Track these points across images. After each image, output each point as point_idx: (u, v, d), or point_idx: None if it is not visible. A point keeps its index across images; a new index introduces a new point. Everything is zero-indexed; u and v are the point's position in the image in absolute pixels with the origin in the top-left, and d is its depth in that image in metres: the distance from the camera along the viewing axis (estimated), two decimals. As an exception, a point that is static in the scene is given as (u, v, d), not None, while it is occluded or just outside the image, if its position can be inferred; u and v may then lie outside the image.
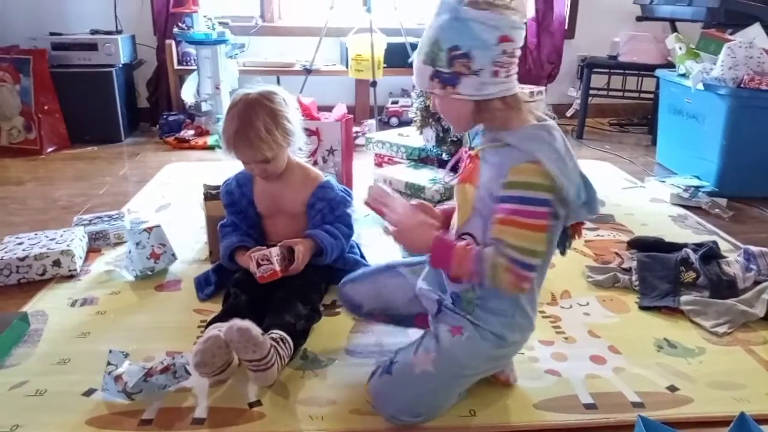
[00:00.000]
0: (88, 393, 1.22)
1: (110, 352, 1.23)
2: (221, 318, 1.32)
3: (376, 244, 1.92)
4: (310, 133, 2.16)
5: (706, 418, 1.18)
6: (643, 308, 1.59)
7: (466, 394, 1.20)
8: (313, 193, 1.58)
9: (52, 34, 3.31)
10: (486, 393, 1.23)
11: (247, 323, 1.17)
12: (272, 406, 1.19)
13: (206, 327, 1.34)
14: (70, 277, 1.71)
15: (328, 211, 1.58)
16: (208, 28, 3.24)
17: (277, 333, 1.28)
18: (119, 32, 3.45)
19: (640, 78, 3.53)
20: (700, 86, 2.54)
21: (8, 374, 1.28)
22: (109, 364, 1.21)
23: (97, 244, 1.92)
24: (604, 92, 3.59)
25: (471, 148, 1.13)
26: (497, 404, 1.21)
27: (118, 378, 1.18)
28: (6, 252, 1.70)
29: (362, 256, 1.72)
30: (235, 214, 1.60)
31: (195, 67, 3.37)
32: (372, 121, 3.34)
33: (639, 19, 3.63)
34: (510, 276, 0.99)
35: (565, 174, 0.99)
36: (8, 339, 1.37)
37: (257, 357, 1.17)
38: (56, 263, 1.70)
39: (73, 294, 1.63)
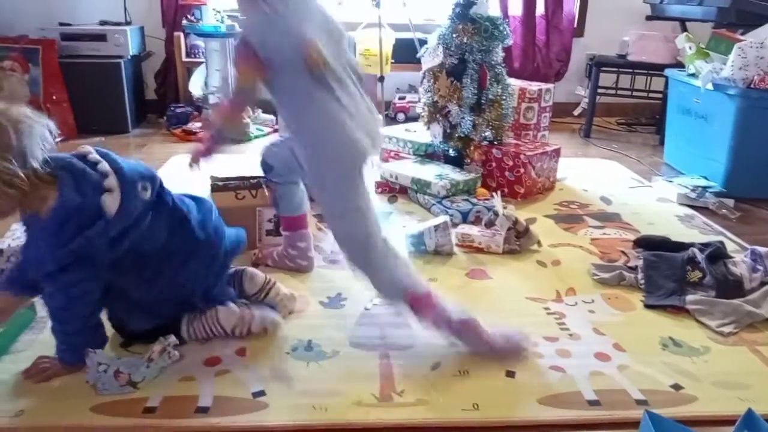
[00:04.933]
0: (94, 380, 1.22)
1: (94, 353, 1.20)
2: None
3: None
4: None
5: (711, 416, 1.18)
6: (648, 307, 1.59)
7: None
8: None
9: (61, 24, 3.32)
10: (489, 387, 1.24)
11: None
12: (276, 396, 1.19)
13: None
14: (77, 265, 1.72)
15: None
16: (217, 20, 3.25)
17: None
18: (128, 23, 3.46)
19: (649, 77, 3.51)
20: (710, 86, 2.53)
21: (15, 360, 1.29)
22: (100, 364, 1.19)
23: (103, 233, 1.92)
24: (613, 91, 3.57)
25: None
26: (500, 399, 1.21)
27: (117, 374, 1.19)
28: (14, 239, 1.71)
29: None
30: None
31: (203, 60, 3.37)
32: (379, 117, 3.33)
33: (649, 18, 3.61)
34: None
35: None
36: (15, 327, 1.38)
37: None
38: (63, 251, 1.70)
39: (80, 282, 1.64)
